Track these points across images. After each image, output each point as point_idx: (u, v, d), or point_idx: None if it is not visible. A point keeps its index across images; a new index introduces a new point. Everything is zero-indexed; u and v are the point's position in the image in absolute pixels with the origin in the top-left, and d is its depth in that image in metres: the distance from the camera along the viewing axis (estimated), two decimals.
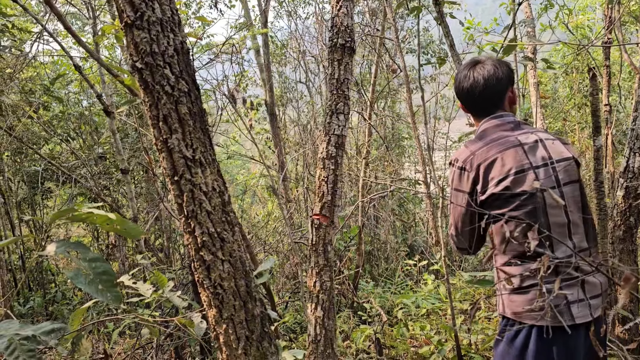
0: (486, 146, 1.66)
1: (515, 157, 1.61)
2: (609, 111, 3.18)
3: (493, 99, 1.73)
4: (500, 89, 1.72)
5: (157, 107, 1.26)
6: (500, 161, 1.61)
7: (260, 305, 1.44)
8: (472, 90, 1.74)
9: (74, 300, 5.65)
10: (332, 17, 2.12)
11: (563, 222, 1.61)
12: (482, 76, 1.71)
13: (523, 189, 1.58)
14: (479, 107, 1.77)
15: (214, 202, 1.33)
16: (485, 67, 1.72)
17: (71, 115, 5.96)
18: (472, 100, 1.77)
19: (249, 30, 6.62)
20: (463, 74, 1.76)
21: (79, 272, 1.35)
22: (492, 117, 1.74)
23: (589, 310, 1.57)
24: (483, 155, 1.64)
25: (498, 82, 1.70)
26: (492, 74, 1.70)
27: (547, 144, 1.65)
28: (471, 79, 1.73)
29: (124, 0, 1.21)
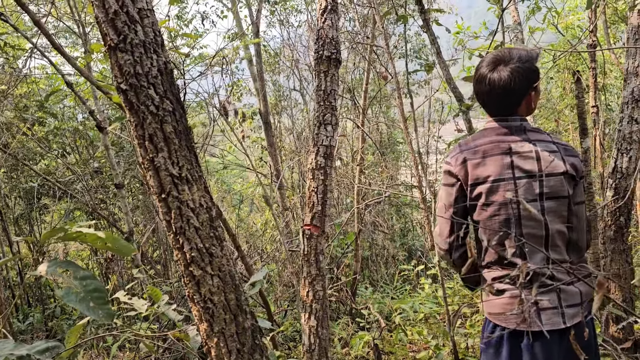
0: (475, 148, 1.67)
1: (499, 164, 1.62)
2: (596, 112, 3.22)
3: (505, 104, 1.69)
4: (514, 97, 1.67)
5: (143, 127, 1.29)
6: (483, 166, 1.63)
7: (251, 317, 1.46)
8: (484, 94, 1.71)
9: (73, 315, 5.65)
10: (318, 29, 2.15)
11: (539, 234, 1.62)
12: (496, 82, 1.65)
13: (494, 199, 1.61)
14: (490, 108, 1.75)
15: (201, 218, 1.36)
16: (502, 73, 1.63)
17: (66, 131, 5.99)
18: (484, 102, 1.75)
19: (241, 40, 6.66)
20: (481, 73, 1.69)
21: (70, 291, 1.37)
22: (499, 118, 1.71)
23: (560, 319, 1.58)
24: (470, 155, 1.67)
25: (512, 91, 1.64)
26: (507, 82, 1.63)
27: (542, 156, 1.62)
28: (486, 82, 1.67)
29: (107, 24, 1.24)
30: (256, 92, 7.07)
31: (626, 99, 2.70)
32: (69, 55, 2.27)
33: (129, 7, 1.24)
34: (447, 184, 1.73)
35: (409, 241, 7.35)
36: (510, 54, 1.66)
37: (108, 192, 5.92)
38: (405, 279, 6.18)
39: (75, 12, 3.93)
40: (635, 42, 2.52)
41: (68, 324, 5.36)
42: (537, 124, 8.40)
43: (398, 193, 6.85)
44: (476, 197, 1.65)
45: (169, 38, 5.60)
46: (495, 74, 1.64)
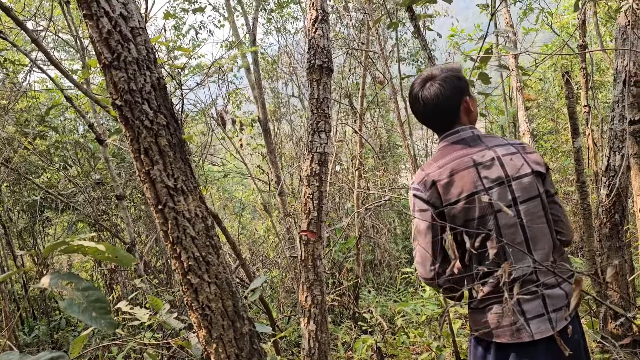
0: (439, 169, 1.65)
1: (469, 179, 1.61)
2: (588, 112, 3.26)
3: (445, 117, 1.73)
4: (450, 107, 1.71)
5: (138, 141, 1.33)
6: (453, 184, 1.61)
7: (248, 323, 1.50)
8: (422, 112, 1.75)
9: (78, 327, 5.69)
10: (309, 39, 2.19)
11: (519, 240, 1.61)
12: (429, 98, 1.70)
13: (471, 216, 1.60)
14: (434, 126, 1.79)
15: (197, 227, 1.40)
16: (432, 87, 1.70)
17: (67, 143, 6.05)
18: (425, 121, 1.79)
19: (238, 49, 6.72)
20: (413, 95, 1.75)
21: (72, 302, 1.41)
22: (448, 133, 1.73)
23: (549, 325, 1.58)
24: (437, 176, 1.64)
25: (445, 100, 1.69)
26: (439, 94, 1.68)
27: (504, 161, 1.63)
28: (420, 101, 1.73)
29: (101, 43, 1.28)
30: (255, 99, 7.12)
31: (617, 98, 2.73)
32: (66, 71, 2.32)
33: (121, 27, 1.29)
34: (420, 210, 1.67)
35: (411, 244, 7.38)
36: (435, 71, 1.74)
37: (110, 203, 5.97)
38: (407, 282, 6.20)
39: (72, 27, 3.99)
40: (623, 42, 2.56)
41: (73, 335, 5.40)
42: (535, 123, 8.44)
43: (398, 196, 6.88)
44: (453, 217, 1.62)
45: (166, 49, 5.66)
46: (425, 90, 1.71)
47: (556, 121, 8.05)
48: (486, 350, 1.64)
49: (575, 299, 0.91)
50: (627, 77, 1.73)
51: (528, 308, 1.58)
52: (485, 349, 1.65)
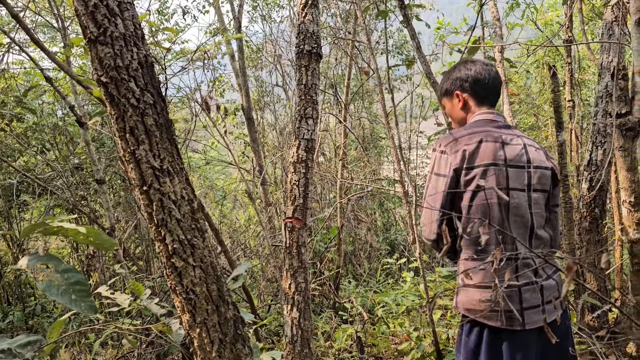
0: (469, 135, 1.70)
1: (493, 151, 1.65)
2: (572, 106, 3.30)
3: (498, 95, 1.87)
4: (500, 90, 1.88)
5: (124, 120, 1.29)
6: (478, 151, 1.65)
7: (232, 308, 1.48)
8: (489, 83, 1.83)
9: (54, 312, 5.60)
10: (299, 24, 2.16)
11: (526, 224, 1.66)
12: (495, 77, 1.85)
13: (490, 185, 1.62)
14: (489, 100, 1.85)
15: (183, 210, 1.37)
16: (494, 70, 1.87)
17: (45, 127, 5.91)
18: (487, 91, 1.84)
19: (223, 35, 6.64)
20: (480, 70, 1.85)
21: (52, 284, 1.37)
22: (488, 112, 1.81)
23: (541, 316, 1.62)
24: (466, 141, 1.68)
25: (500, 84, 1.87)
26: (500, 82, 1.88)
27: (529, 150, 1.71)
28: (487, 71, 1.84)
29: (86, 17, 1.24)
30: (239, 87, 7.05)
31: (600, 93, 2.76)
32: (48, 50, 2.25)
33: (108, 0, 1.24)
34: (439, 174, 1.71)
35: (392, 235, 7.42)
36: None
37: (89, 188, 5.86)
38: (388, 273, 6.24)
39: (54, 6, 3.88)
40: (609, 37, 2.58)
41: (49, 321, 5.31)
42: (517, 119, 8.53)
43: (380, 188, 6.90)
44: (469, 182, 1.65)
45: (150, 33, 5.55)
46: (492, 70, 1.84)
47: (537, 117, 8.15)
48: (480, 334, 1.64)
49: (567, 284, 0.91)
50: (615, 70, 1.75)
51: (527, 297, 1.60)
52: (479, 332, 1.65)
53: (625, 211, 1.79)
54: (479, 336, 1.65)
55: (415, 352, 3.23)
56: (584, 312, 2.94)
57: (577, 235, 2.93)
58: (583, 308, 2.93)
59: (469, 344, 1.67)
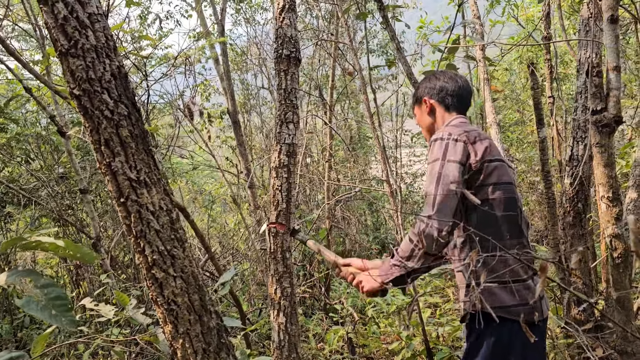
0: (474, 130, 1.73)
1: (496, 148, 1.72)
2: (552, 103, 3.32)
3: (468, 105, 1.93)
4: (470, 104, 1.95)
5: (98, 132, 1.29)
6: (487, 147, 1.68)
7: (216, 317, 1.47)
8: (466, 92, 1.91)
9: (44, 324, 5.54)
10: (276, 28, 2.16)
11: (527, 220, 1.74)
12: (463, 82, 1.93)
13: (504, 179, 1.67)
14: (463, 105, 1.91)
15: (161, 220, 1.36)
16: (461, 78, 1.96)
17: (29, 136, 5.85)
18: (462, 99, 1.90)
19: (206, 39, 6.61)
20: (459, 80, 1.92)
21: (30, 300, 1.36)
22: (463, 116, 1.89)
23: (545, 308, 1.70)
24: (476, 135, 1.70)
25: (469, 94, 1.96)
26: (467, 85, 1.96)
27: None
28: (463, 81, 1.92)
29: (56, 30, 1.23)
30: (224, 91, 7.03)
31: (580, 89, 2.79)
32: (24, 61, 2.23)
33: (78, 12, 1.23)
34: (455, 161, 1.63)
35: (382, 234, 7.44)
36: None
37: (75, 197, 5.81)
38: None
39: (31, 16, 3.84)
40: (586, 34, 2.61)
41: (38, 333, 5.25)
42: (502, 114, 8.59)
43: (368, 188, 6.91)
44: (489, 175, 1.65)
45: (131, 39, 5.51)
46: (461, 80, 1.92)
47: (522, 113, 8.21)
48: (510, 332, 1.61)
49: (541, 285, 0.92)
50: (590, 67, 1.76)
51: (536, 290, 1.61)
52: (509, 330, 1.61)
53: (604, 206, 1.81)
54: (509, 334, 1.61)
55: (405, 351, 3.25)
56: (570, 306, 2.96)
57: (561, 230, 2.96)
58: (569, 302, 2.96)
59: (498, 344, 1.62)
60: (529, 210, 7.55)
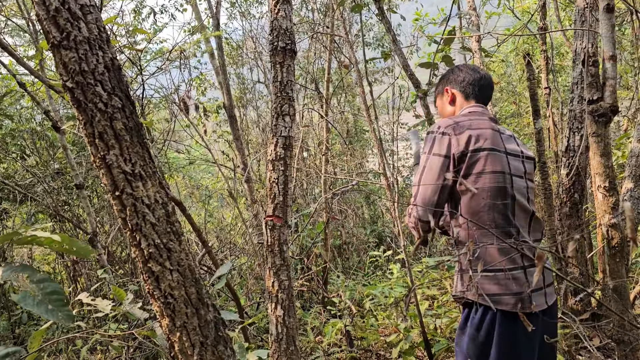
0: (469, 120, 1.76)
1: (493, 138, 1.72)
2: (548, 94, 3.32)
3: (489, 96, 1.98)
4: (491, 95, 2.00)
5: (92, 125, 1.27)
6: (480, 136, 1.70)
7: (213, 310, 1.47)
8: (486, 82, 1.95)
9: (41, 320, 5.54)
10: (271, 20, 2.15)
11: (527, 209, 1.72)
12: (488, 77, 1.97)
13: (491, 168, 1.67)
14: (484, 95, 1.95)
15: (157, 213, 1.35)
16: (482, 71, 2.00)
17: (24, 132, 5.82)
18: (482, 89, 1.94)
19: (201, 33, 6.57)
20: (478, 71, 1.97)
21: (27, 295, 1.35)
22: (478, 104, 1.92)
23: (544, 299, 1.68)
24: (466, 125, 1.73)
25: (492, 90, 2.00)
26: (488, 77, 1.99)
27: (518, 142, 1.83)
28: (476, 71, 1.96)
29: (48, 22, 1.21)
30: (219, 85, 7.00)
31: (575, 80, 2.79)
32: (17, 56, 2.21)
33: (70, 4, 1.22)
34: (439, 154, 1.71)
35: (379, 228, 7.45)
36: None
37: (71, 193, 5.79)
38: (376, 265, 6.26)
39: (24, 10, 3.81)
40: (582, 24, 2.60)
41: (36, 329, 5.24)
42: (499, 107, 8.59)
43: (365, 181, 6.91)
44: (473, 165, 1.68)
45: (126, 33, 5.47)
46: (482, 72, 1.96)
47: (518, 104, 8.21)
48: (492, 320, 1.64)
49: (537, 274, 0.92)
50: (586, 57, 1.76)
51: (532, 279, 1.63)
52: (491, 318, 1.64)
53: (600, 196, 1.81)
54: (491, 322, 1.64)
55: (403, 343, 3.25)
56: (567, 296, 2.97)
57: (557, 221, 2.96)
58: (566, 292, 2.97)
59: (480, 331, 1.66)
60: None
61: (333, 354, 3.62)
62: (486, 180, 1.66)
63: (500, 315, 1.62)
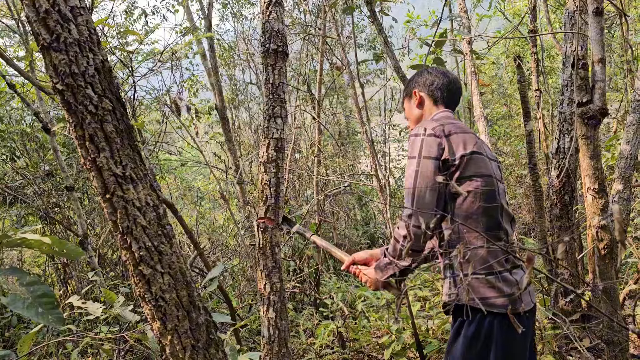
0: (451, 123, 1.74)
1: (475, 141, 1.71)
2: (539, 96, 3.35)
3: (457, 101, 1.97)
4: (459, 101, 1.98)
5: (82, 127, 1.27)
6: (464, 140, 1.69)
7: (204, 313, 1.47)
8: (453, 84, 1.94)
9: (32, 323, 5.49)
10: (263, 22, 2.15)
11: (509, 212, 1.74)
12: (453, 78, 1.96)
13: (479, 171, 1.67)
14: (453, 101, 1.95)
15: (148, 216, 1.35)
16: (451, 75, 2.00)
17: (14, 134, 5.77)
18: (450, 91, 1.94)
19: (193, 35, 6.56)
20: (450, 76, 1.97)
21: (16, 297, 1.34)
22: (449, 110, 1.91)
23: (530, 298, 1.69)
24: (452, 129, 1.71)
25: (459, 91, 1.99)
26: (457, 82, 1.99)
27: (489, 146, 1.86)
28: (453, 77, 1.96)
29: (38, 24, 1.21)
30: (211, 86, 6.98)
31: (565, 82, 2.81)
32: (7, 57, 2.20)
33: (60, 6, 1.21)
34: (430, 157, 1.67)
35: (371, 229, 7.46)
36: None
37: (62, 195, 5.75)
38: None
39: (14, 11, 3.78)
40: (571, 27, 2.62)
41: (26, 333, 5.20)
42: (489, 109, 8.64)
43: (357, 182, 6.92)
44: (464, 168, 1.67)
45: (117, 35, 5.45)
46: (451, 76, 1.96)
47: (509, 106, 8.26)
48: (491, 324, 1.62)
49: (527, 276, 0.92)
50: (576, 60, 1.77)
51: (519, 280, 1.63)
52: (490, 322, 1.62)
53: (590, 198, 1.82)
54: (489, 328, 1.62)
55: (395, 344, 3.26)
56: (557, 297, 2.99)
57: (548, 222, 2.98)
58: (557, 293, 2.99)
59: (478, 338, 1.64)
60: (516, 203, 7.60)
61: (325, 355, 3.62)
62: (478, 184, 1.66)
63: (498, 320, 1.61)
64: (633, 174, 2.54)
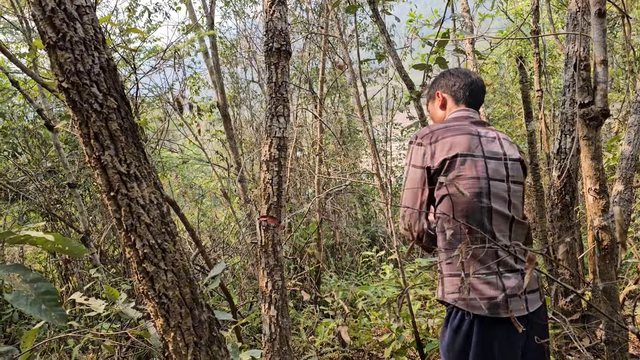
0: (445, 128, 1.77)
1: (469, 143, 1.72)
2: (540, 96, 3.35)
3: (479, 101, 1.97)
4: (482, 99, 1.99)
5: (87, 125, 1.28)
6: (454, 142, 1.71)
7: (207, 310, 1.48)
8: (476, 83, 1.95)
9: (32, 320, 5.50)
10: (266, 21, 2.15)
11: (506, 214, 1.70)
12: (480, 81, 1.97)
13: (465, 173, 1.67)
14: (465, 95, 1.95)
15: (152, 214, 1.36)
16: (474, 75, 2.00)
17: (16, 130, 5.79)
18: (473, 94, 1.95)
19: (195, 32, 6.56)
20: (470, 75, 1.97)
21: (19, 294, 1.35)
22: (466, 108, 1.91)
23: (524, 305, 1.65)
24: (442, 133, 1.74)
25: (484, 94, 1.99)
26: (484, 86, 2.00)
27: (503, 143, 1.80)
28: (467, 75, 1.96)
29: (44, 22, 1.22)
30: (213, 84, 6.99)
31: (567, 82, 2.81)
32: (10, 54, 2.20)
33: (66, 5, 1.22)
34: (415, 165, 1.77)
35: (372, 228, 7.47)
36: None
37: (64, 192, 5.76)
38: (368, 266, 6.28)
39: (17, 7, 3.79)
40: (574, 27, 2.63)
41: (27, 329, 5.22)
42: (491, 108, 8.64)
43: (359, 181, 6.93)
44: (446, 172, 1.70)
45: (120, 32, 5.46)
46: (474, 76, 1.96)
47: (511, 106, 8.26)
48: (470, 324, 1.64)
49: (528, 276, 0.93)
50: (578, 61, 1.78)
51: (509, 284, 1.63)
52: (470, 322, 1.64)
53: (591, 199, 1.83)
54: (469, 327, 1.64)
55: (395, 343, 3.27)
56: (557, 297, 3.00)
57: (549, 222, 2.99)
58: (557, 293, 3.00)
59: (458, 334, 1.66)
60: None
61: (326, 353, 3.64)
62: (462, 187, 1.67)
63: (478, 321, 1.63)
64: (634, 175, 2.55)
